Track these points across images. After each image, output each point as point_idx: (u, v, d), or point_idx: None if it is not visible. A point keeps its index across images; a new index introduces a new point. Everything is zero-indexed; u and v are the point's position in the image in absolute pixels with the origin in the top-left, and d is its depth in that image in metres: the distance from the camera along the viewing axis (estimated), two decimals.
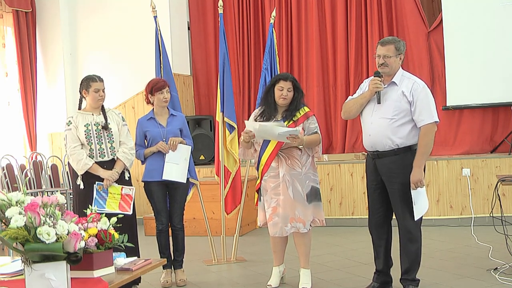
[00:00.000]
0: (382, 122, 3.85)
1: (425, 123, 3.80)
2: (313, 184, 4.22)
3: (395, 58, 3.88)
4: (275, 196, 4.17)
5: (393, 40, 3.94)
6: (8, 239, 2.23)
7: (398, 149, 3.84)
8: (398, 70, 3.93)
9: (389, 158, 3.87)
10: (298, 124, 4.18)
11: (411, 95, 3.81)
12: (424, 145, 3.81)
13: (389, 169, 3.88)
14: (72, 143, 4.19)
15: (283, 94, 4.18)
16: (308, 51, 8.11)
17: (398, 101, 3.84)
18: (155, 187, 4.59)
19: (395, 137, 3.83)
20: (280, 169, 4.16)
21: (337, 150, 7.90)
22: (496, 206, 4.40)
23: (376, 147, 3.91)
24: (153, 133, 4.57)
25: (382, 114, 3.86)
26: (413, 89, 3.83)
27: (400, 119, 3.83)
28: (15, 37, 7.99)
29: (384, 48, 3.88)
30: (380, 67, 3.90)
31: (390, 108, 3.84)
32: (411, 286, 3.93)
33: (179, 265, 4.74)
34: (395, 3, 7.66)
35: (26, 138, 8.10)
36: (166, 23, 7.86)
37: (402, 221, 3.89)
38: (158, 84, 4.59)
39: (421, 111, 3.79)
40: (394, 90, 3.88)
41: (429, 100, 3.85)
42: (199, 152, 7.76)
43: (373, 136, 3.91)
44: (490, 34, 7.01)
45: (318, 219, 4.23)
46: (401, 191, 3.83)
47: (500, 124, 7.18)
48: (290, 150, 4.16)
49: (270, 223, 4.19)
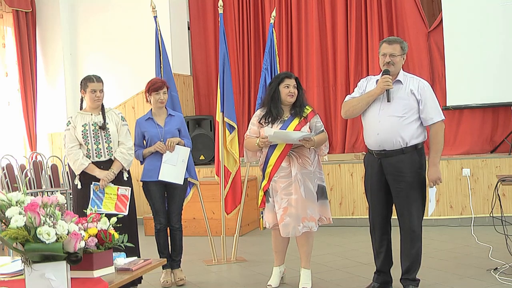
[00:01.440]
0: (392, 120, 3.85)
1: (434, 121, 3.85)
2: (320, 183, 4.23)
3: (400, 57, 3.92)
4: (286, 196, 4.13)
5: (399, 39, 3.99)
6: (8, 239, 2.23)
7: (405, 148, 3.85)
8: (400, 70, 3.95)
9: (396, 157, 3.87)
10: (309, 120, 4.20)
11: (419, 94, 3.85)
12: (437, 143, 3.88)
13: (396, 168, 3.87)
14: (70, 143, 4.21)
15: (290, 91, 4.18)
16: (308, 51, 8.10)
17: (406, 99, 3.86)
18: (153, 187, 4.59)
19: (405, 135, 3.84)
20: (292, 168, 4.14)
21: (337, 150, 7.90)
22: (496, 206, 4.40)
23: (384, 146, 3.90)
24: (151, 133, 4.58)
25: (392, 112, 3.86)
26: (420, 87, 3.87)
27: (409, 117, 3.85)
28: (15, 37, 7.99)
29: (390, 47, 3.91)
30: (386, 65, 3.91)
31: (399, 106, 3.85)
32: (411, 286, 3.93)
33: (177, 265, 4.74)
34: (395, 3, 7.66)
35: (26, 138, 8.10)
36: (166, 23, 7.86)
37: (408, 221, 3.88)
38: (155, 85, 4.59)
39: (430, 110, 3.84)
40: (401, 88, 3.90)
41: (435, 98, 3.91)
42: (199, 152, 7.76)
43: (382, 134, 3.88)
44: (490, 34, 7.01)
45: (325, 217, 4.23)
46: (408, 190, 3.84)
47: (500, 124, 7.18)
48: (301, 149, 4.15)
49: (282, 224, 4.13)
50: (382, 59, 3.93)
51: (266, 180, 4.24)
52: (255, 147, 4.23)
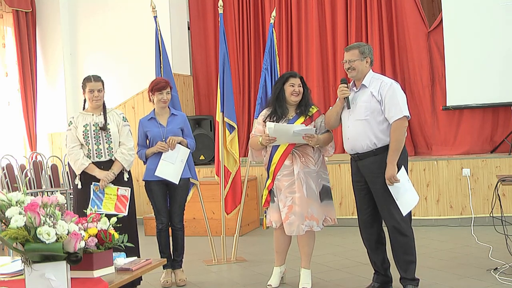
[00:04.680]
0: (357, 124, 3.93)
1: (394, 119, 3.85)
2: (325, 183, 4.24)
3: (360, 61, 3.96)
4: (290, 195, 4.15)
5: (357, 45, 4.05)
6: (8, 239, 2.24)
7: (377, 149, 3.89)
8: (367, 73, 3.99)
9: (369, 159, 3.92)
10: (314, 119, 4.21)
11: (379, 94, 3.89)
12: (395, 141, 3.84)
13: (370, 169, 3.92)
14: (71, 143, 4.23)
15: (295, 90, 4.20)
16: (308, 51, 8.10)
17: (368, 102, 3.91)
18: (155, 186, 4.60)
19: (372, 137, 3.88)
20: (295, 167, 4.15)
21: (337, 150, 7.87)
22: (496, 206, 4.41)
23: (356, 149, 3.96)
24: (154, 133, 4.58)
25: (356, 116, 3.94)
26: (381, 88, 3.90)
27: (374, 119, 3.89)
28: (15, 37, 8.00)
29: (348, 54, 4.00)
30: (348, 71, 4.00)
31: (361, 110, 3.92)
32: (410, 286, 3.93)
33: (178, 265, 4.74)
34: (395, 3, 7.66)
35: (26, 138, 8.10)
36: (166, 23, 7.86)
37: (389, 219, 3.90)
38: (158, 85, 4.60)
39: (390, 108, 3.85)
40: (365, 92, 3.96)
41: (397, 96, 3.88)
42: (199, 152, 7.76)
43: (351, 139, 3.97)
44: (490, 34, 7.01)
45: (330, 218, 4.23)
46: (384, 190, 3.86)
47: (500, 124, 7.18)
48: (304, 147, 4.17)
49: (287, 223, 4.14)
50: (344, 66, 4.03)
51: (270, 179, 4.26)
52: (259, 145, 4.25)
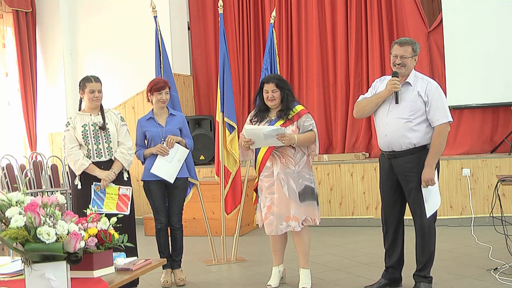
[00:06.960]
0: (399, 122, 3.89)
1: (439, 122, 3.85)
2: (307, 183, 4.20)
3: (411, 59, 3.94)
4: (269, 195, 4.21)
5: (411, 41, 3.99)
6: (8, 239, 2.23)
7: (414, 148, 3.89)
8: (411, 71, 3.97)
9: (405, 158, 3.91)
10: (295, 120, 4.20)
11: (426, 95, 3.86)
12: (437, 144, 3.86)
13: (405, 168, 3.91)
14: (70, 143, 4.23)
15: (269, 96, 4.25)
16: (308, 51, 8.10)
17: (413, 101, 3.88)
18: (154, 186, 4.60)
19: (412, 137, 3.87)
20: (275, 168, 4.19)
21: (337, 150, 7.90)
22: (496, 206, 4.41)
23: (393, 147, 3.94)
24: (152, 133, 4.58)
25: (398, 114, 3.90)
26: (428, 89, 3.88)
27: (416, 119, 3.87)
28: (15, 37, 7.99)
29: (402, 49, 3.92)
30: (397, 67, 3.93)
31: (406, 109, 3.89)
32: (422, 283, 3.96)
33: (177, 265, 4.74)
34: (395, 3, 7.66)
35: (26, 138, 8.10)
36: (166, 23, 7.86)
37: (419, 219, 3.92)
38: (157, 85, 4.60)
39: (435, 111, 3.84)
40: (409, 90, 3.93)
41: (443, 100, 3.91)
42: (199, 152, 7.76)
43: (389, 136, 3.93)
44: (490, 34, 7.01)
45: (310, 218, 4.19)
46: (417, 190, 3.88)
47: (500, 124, 7.17)
48: (284, 148, 4.18)
49: (266, 222, 4.23)
50: (393, 60, 3.96)
51: (257, 178, 4.36)
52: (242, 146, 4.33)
